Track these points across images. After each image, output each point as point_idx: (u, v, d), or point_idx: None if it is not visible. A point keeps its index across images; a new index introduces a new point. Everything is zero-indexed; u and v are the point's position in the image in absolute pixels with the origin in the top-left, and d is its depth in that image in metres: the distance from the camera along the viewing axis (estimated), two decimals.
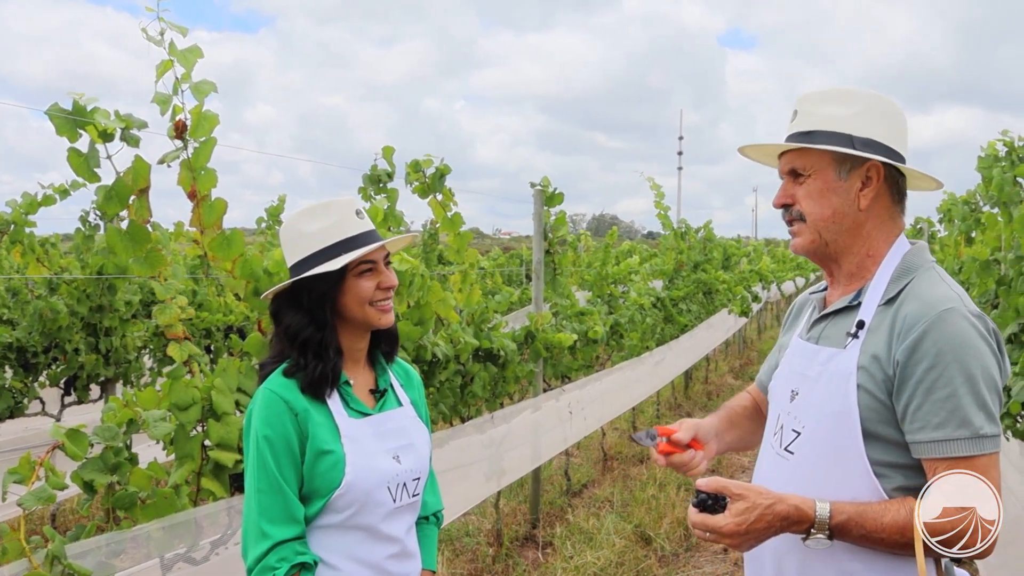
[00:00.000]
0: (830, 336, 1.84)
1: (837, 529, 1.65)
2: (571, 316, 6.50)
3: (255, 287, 3.12)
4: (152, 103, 2.78)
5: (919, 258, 1.81)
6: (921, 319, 1.66)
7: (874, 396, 1.70)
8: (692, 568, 5.52)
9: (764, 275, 17.56)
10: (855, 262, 1.85)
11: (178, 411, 2.77)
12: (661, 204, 10.12)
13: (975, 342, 1.64)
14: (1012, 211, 4.65)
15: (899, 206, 1.87)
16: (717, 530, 1.67)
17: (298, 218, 2.15)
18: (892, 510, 1.64)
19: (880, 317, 1.74)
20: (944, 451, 1.62)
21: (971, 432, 1.61)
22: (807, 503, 1.66)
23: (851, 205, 1.81)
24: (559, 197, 6.08)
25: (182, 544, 2.74)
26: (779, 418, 1.91)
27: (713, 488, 1.70)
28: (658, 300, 9.37)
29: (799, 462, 1.80)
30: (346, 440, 2.07)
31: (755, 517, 1.65)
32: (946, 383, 1.62)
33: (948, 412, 1.62)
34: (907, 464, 1.69)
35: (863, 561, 1.70)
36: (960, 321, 1.65)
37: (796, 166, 1.86)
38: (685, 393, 11.55)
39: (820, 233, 1.85)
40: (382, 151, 4.19)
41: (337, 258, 2.07)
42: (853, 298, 1.82)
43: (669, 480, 7.08)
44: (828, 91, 1.87)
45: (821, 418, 1.76)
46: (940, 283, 1.74)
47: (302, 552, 2.00)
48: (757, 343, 18.65)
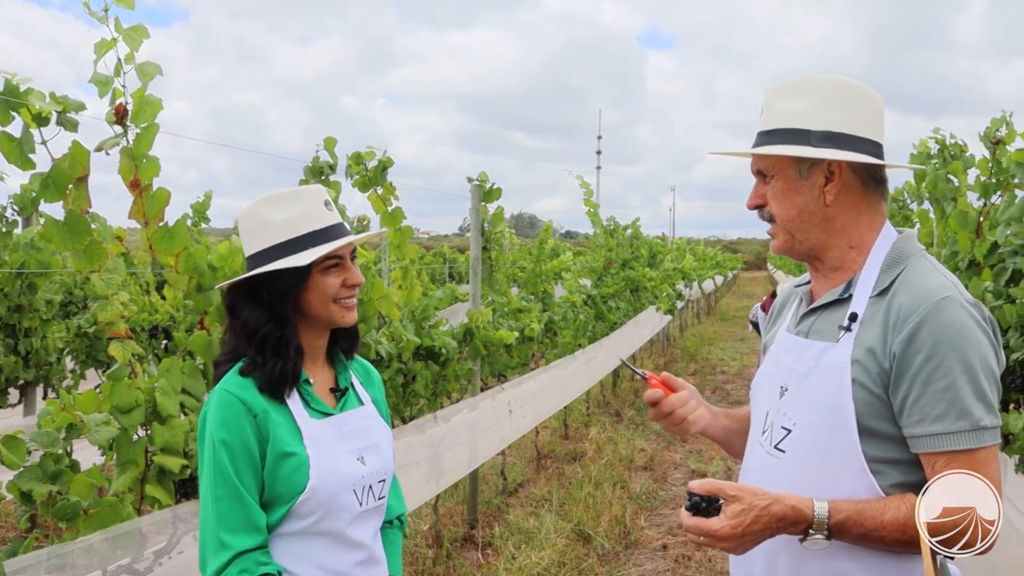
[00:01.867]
0: (821, 330, 1.78)
1: (836, 529, 1.60)
2: (508, 314, 6.43)
3: (198, 282, 2.97)
4: (90, 84, 2.62)
5: (909, 246, 1.76)
6: (917, 309, 1.61)
7: (869, 390, 1.64)
8: (633, 566, 5.50)
9: (687, 273, 17.80)
10: (837, 256, 1.79)
11: (120, 414, 2.61)
12: (590, 202, 10.12)
13: (973, 331, 1.61)
14: (945, 207, 4.73)
15: (875, 193, 1.79)
16: (712, 533, 1.60)
17: (262, 205, 2.01)
18: (892, 507, 1.60)
19: (873, 309, 1.69)
20: (944, 444, 1.58)
21: (971, 424, 1.57)
22: (805, 503, 1.61)
23: (816, 202, 1.75)
24: (497, 192, 6.00)
25: (126, 555, 2.57)
26: (767, 416, 1.84)
27: (707, 490, 1.63)
28: (589, 298, 9.37)
29: (791, 460, 1.74)
30: (308, 442, 1.95)
31: (751, 519, 1.59)
32: (944, 374, 1.58)
33: (947, 404, 1.58)
34: (904, 459, 1.65)
35: (857, 561, 1.66)
36: (957, 310, 1.61)
37: (761, 167, 1.81)
38: (613, 391, 11.59)
39: (792, 233, 1.80)
40: (324, 142, 4.03)
41: (305, 252, 1.94)
42: (843, 290, 1.76)
43: (604, 478, 7.08)
44: (790, 84, 1.80)
45: (814, 414, 1.71)
46: (933, 271, 1.70)
47: (265, 562, 1.88)
48: (680, 341, 18.87)
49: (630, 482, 7.25)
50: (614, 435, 8.74)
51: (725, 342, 19.18)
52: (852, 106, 1.75)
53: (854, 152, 1.72)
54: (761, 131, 1.80)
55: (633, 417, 10.20)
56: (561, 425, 8.96)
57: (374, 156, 4.35)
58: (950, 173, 4.81)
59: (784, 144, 1.74)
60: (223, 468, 1.86)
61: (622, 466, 7.66)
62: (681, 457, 8.32)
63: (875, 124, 1.77)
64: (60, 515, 2.38)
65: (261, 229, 1.99)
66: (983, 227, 4.20)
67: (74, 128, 2.52)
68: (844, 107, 1.74)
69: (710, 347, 18.07)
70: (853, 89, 1.76)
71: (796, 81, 1.79)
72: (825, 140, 1.72)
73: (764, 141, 1.78)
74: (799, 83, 1.78)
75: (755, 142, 1.81)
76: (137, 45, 2.60)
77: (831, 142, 1.72)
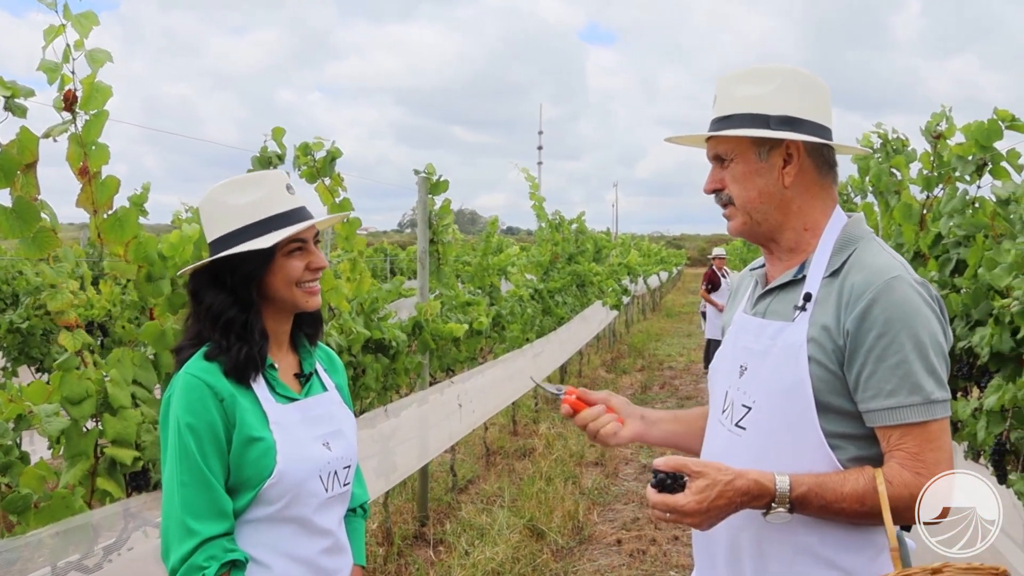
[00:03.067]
0: (776, 310, 1.83)
1: (798, 501, 1.63)
2: (456, 307, 6.42)
3: (148, 272, 2.92)
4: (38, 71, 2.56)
5: (858, 229, 1.82)
6: (869, 287, 1.66)
7: (825, 367, 1.69)
8: (587, 561, 5.53)
9: (632, 268, 17.94)
10: (792, 237, 1.84)
11: (70, 405, 2.56)
12: (536, 195, 10.16)
13: (922, 309, 1.67)
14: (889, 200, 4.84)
15: (828, 177, 1.86)
16: (678, 509, 1.62)
17: (224, 190, 1.99)
18: (851, 480, 1.64)
19: (826, 289, 1.74)
20: (898, 418, 1.63)
21: (923, 398, 1.62)
22: (767, 477, 1.64)
23: (776, 184, 1.81)
24: (444, 185, 5.99)
25: (77, 551, 2.52)
26: (727, 395, 1.88)
27: (671, 466, 1.65)
28: (536, 292, 9.40)
29: (752, 437, 1.78)
30: (275, 427, 1.93)
31: (716, 494, 1.61)
32: (896, 350, 1.63)
33: (899, 379, 1.63)
34: (860, 434, 1.70)
35: (818, 535, 1.70)
36: (907, 289, 1.67)
37: (719, 151, 1.85)
38: None
39: (751, 215, 1.84)
40: (272, 132, 4.00)
41: (268, 235, 1.93)
42: (797, 272, 1.81)
43: (556, 474, 7.10)
44: (745, 71, 1.86)
45: (772, 392, 1.75)
46: (882, 252, 1.76)
47: (232, 549, 1.85)
48: (627, 337, 19.02)
49: (581, 478, 7.29)
50: (564, 431, 8.77)
51: (672, 338, 19.38)
52: (805, 92, 1.81)
53: (810, 135, 1.77)
54: (717, 117, 1.84)
55: None
56: (509, 421, 8.98)
57: (322, 147, 4.32)
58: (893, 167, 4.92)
59: (744, 127, 1.78)
60: (189, 453, 1.83)
61: (573, 462, 7.70)
62: (632, 452, 8.38)
63: (825, 110, 1.84)
64: (11, 508, 2.32)
65: (223, 213, 1.97)
66: (926, 219, 4.30)
67: (23, 114, 2.46)
68: (798, 93, 1.80)
69: (657, 343, 18.24)
70: (804, 76, 1.82)
71: (749, 69, 1.84)
72: (783, 124, 1.77)
73: (722, 126, 1.82)
74: (753, 71, 1.84)
75: (711, 128, 1.85)
76: (87, 31, 2.56)
77: (789, 126, 1.77)
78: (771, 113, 1.77)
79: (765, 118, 1.77)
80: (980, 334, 3.32)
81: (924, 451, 1.62)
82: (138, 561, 2.77)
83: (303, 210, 2.02)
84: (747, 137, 1.79)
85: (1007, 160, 3.80)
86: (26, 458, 2.41)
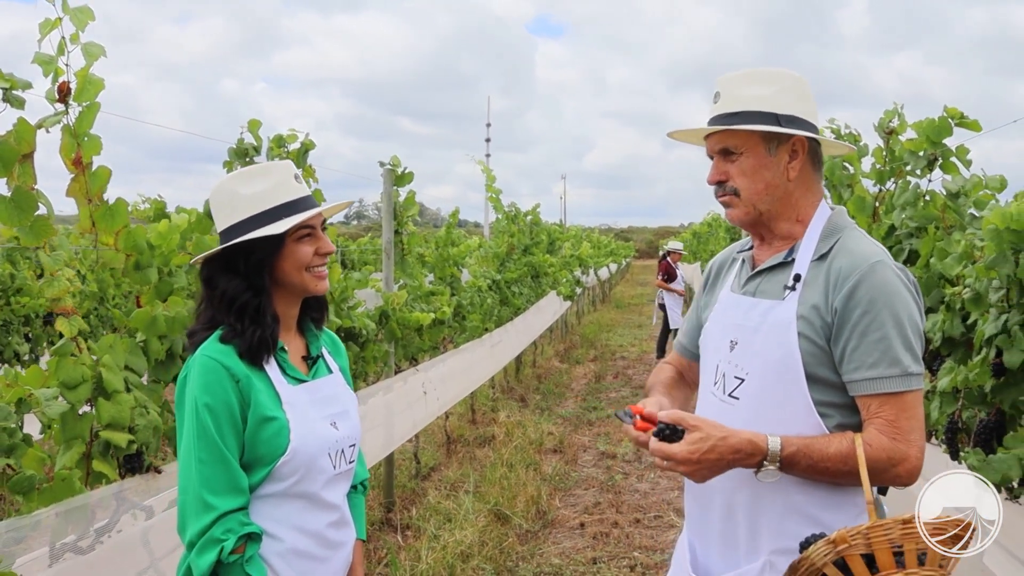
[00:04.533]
0: (766, 290, 1.99)
1: (787, 461, 1.79)
2: (421, 297, 6.50)
3: (136, 260, 2.97)
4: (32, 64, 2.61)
5: (842, 220, 2.00)
6: (855, 270, 1.84)
7: (813, 342, 1.86)
8: (551, 544, 5.68)
9: (584, 260, 18.13)
10: (786, 227, 2.02)
11: (66, 390, 2.61)
12: (492, 188, 10.26)
13: (901, 291, 1.85)
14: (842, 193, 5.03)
15: (819, 172, 2.05)
16: (672, 456, 1.77)
17: (234, 180, 2.08)
18: (836, 442, 1.80)
19: (814, 271, 1.91)
20: (878, 388, 1.81)
21: (901, 370, 1.80)
22: (759, 437, 1.79)
23: (781, 177, 1.98)
24: (409, 176, 6.06)
25: (75, 530, 2.58)
26: (718, 367, 2.03)
27: (672, 419, 1.80)
28: (494, 283, 9.51)
29: (745, 406, 1.93)
30: (287, 406, 2.03)
31: (707, 447, 1.76)
32: (879, 327, 1.81)
33: (880, 352, 1.80)
34: (844, 403, 1.87)
35: (807, 494, 1.86)
36: (888, 272, 1.85)
37: (728, 145, 2.00)
38: (517, 377, 11.77)
39: (755, 205, 2.00)
40: (248, 124, 4.07)
41: (279, 221, 2.02)
42: (786, 255, 1.98)
43: (517, 461, 7.24)
44: (748, 73, 2.02)
45: (765, 364, 1.91)
46: (865, 240, 1.94)
47: (247, 523, 1.94)
48: (578, 328, 19.22)
49: (542, 464, 7.44)
50: (522, 419, 8.91)
51: (623, 328, 19.64)
52: (801, 95, 1.99)
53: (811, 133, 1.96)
54: (723, 113, 1.99)
55: (539, 402, 10.41)
56: (468, 410, 9.09)
57: (296, 139, 4.38)
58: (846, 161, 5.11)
59: (757, 123, 1.94)
60: (207, 431, 1.92)
61: (533, 449, 7.84)
62: (589, 440, 8.56)
63: (815, 110, 2.02)
64: (16, 489, 2.38)
65: (234, 202, 2.05)
66: (879, 211, 4.50)
67: (21, 106, 2.51)
68: (797, 95, 1.98)
69: (608, 333, 18.48)
70: (798, 79, 2.00)
71: (751, 72, 2.01)
72: (790, 122, 1.95)
73: (732, 121, 1.97)
74: (755, 73, 2.00)
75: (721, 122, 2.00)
76: (83, 25, 2.60)
77: (794, 124, 1.95)
78: (779, 112, 1.94)
79: (775, 116, 1.94)
80: (932, 320, 3.51)
81: (900, 419, 1.80)
82: (126, 542, 2.84)
83: (310, 198, 2.11)
84: (758, 132, 1.95)
85: (956, 156, 4.00)
86: (29, 440, 2.47)
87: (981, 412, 3.25)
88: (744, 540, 1.94)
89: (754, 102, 1.96)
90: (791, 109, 1.96)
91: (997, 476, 2.96)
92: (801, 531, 1.84)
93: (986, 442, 3.16)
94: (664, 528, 5.98)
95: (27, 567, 2.45)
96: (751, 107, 1.96)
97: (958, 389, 3.28)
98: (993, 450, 3.14)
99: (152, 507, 2.96)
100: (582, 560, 5.36)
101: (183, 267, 3.18)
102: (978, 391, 3.23)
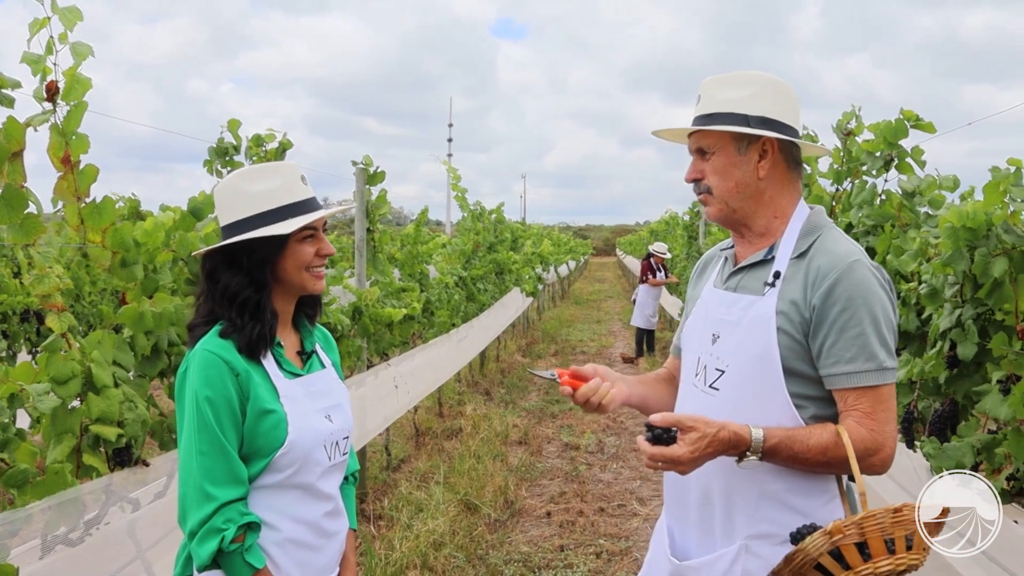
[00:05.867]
0: (747, 286, 2.09)
1: (769, 451, 1.88)
2: (392, 293, 6.58)
3: (122, 258, 3.03)
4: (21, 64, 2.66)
5: (821, 219, 2.09)
6: (834, 269, 1.93)
7: (792, 337, 1.95)
8: (519, 532, 5.79)
9: (545, 257, 18.27)
10: (763, 224, 2.10)
11: (57, 385, 2.66)
12: (459, 187, 10.35)
13: (877, 290, 1.94)
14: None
15: (795, 172, 2.13)
16: (676, 459, 1.83)
17: (241, 178, 2.14)
18: (816, 434, 1.89)
19: (793, 269, 2.00)
20: (855, 382, 1.91)
21: (876, 365, 1.90)
22: (744, 429, 1.88)
23: (751, 176, 2.07)
24: (381, 175, 6.13)
25: (67, 523, 2.64)
26: (699, 360, 2.13)
27: (668, 422, 1.85)
28: (460, 279, 9.60)
29: (725, 397, 2.03)
30: (285, 400, 2.10)
31: (705, 444, 1.84)
32: (856, 324, 1.90)
33: (858, 348, 1.90)
34: (820, 396, 1.97)
35: (783, 481, 1.96)
36: (865, 271, 1.94)
37: (702, 145, 2.11)
38: (481, 371, 11.87)
39: (727, 202, 2.09)
40: (227, 124, 4.12)
41: (287, 221, 2.08)
42: (767, 253, 2.08)
43: (484, 453, 7.34)
44: (726, 77, 2.12)
45: (745, 357, 2.00)
46: (843, 239, 2.03)
47: (247, 513, 2.01)
48: (539, 323, 19.36)
49: (508, 456, 7.56)
50: (488, 412, 9.03)
51: (583, 324, 19.80)
52: (777, 97, 2.08)
53: (783, 135, 2.04)
54: (701, 115, 2.10)
55: (503, 395, 10.53)
56: (435, 404, 9.18)
57: (274, 138, 4.44)
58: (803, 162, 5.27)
59: (727, 124, 2.04)
60: (207, 423, 1.99)
61: (499, 441, 7.96)
62: (553, 432, 8.69)
63: (794, 114, 2.11)
64: (10, 482, 2.43)
65: (240, 200, 2.11)
66: (836, 210, 4.66)
67: (10, 104, 2.56)
68: (772, 98, 2.07)
69: (569, 329, 18.62)
70: (777, 83, 2.09)
71: (731, 75, 2.10)
72: (761, 123, 2.04)
73: (706, 122, 2.07)
74: (734, 76, 2.10)
75: (695, 124, 2.11)
76: (72, 24, 2.65)
77: (765, 125, 2.04)
78: (750, 113, 2.03)
79: (745, 117, 2.03)
80: None
81: (876, 411, 1.90)
82: (114, 534, 2.90)
83: (315, 200, 2.18)
84: (728, 133, 2.04)
85: (912, 156, 4.16)
86: (22, 435, 2.52)
87: (936, 403, 3.41)
88: (720, 525, 2.03)
89: (727, 104, 2.06)
90: (763, 111, 2.04)
91: (952, 463, 3.12)
92: (775, 516, 1.94)
93: (940, 431, 3.31)
94: (628, 516, 6.13)
95: (19, 559, 2.51)
96: (724, 109, 2.06)
97: (914, 381, 3.44)
98: (947, 439, 3.30)
99: (139, 499, 3.02)
100: (549, 548, 5.48)
101: (167, 264, 3.24)
102: (933, 383, 3.38)
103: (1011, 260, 3.05)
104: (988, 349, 3.14)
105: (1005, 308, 3.12)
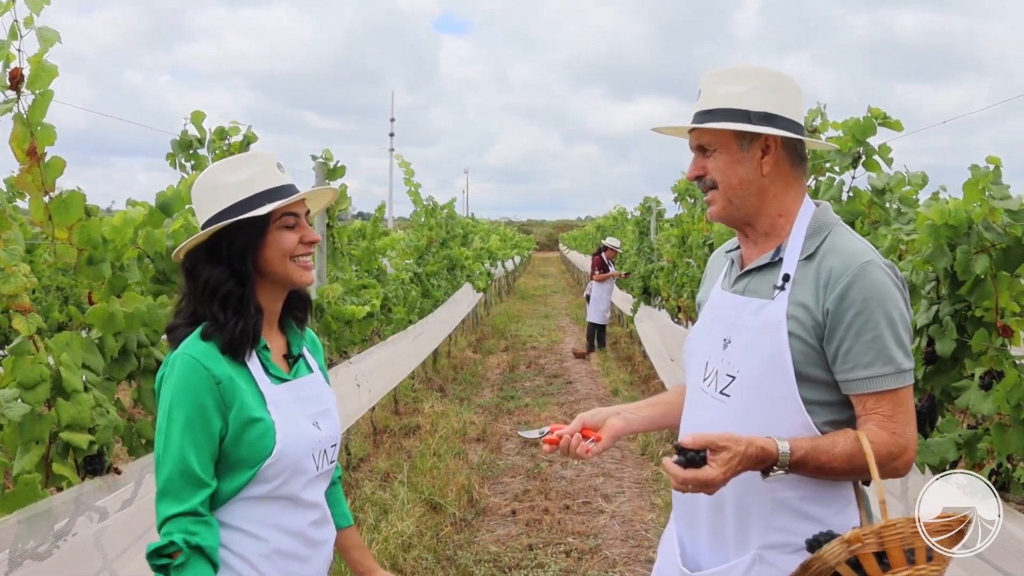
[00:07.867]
0: (755, 289, 2.02)
1: (795, 464, 1.81)
2: (352, 290, 6.46)
3: (89, 255, 2.89)
4: None
5: (828, 217, 2.02)
6: (846, 271, 1.87)
7: (804, 341, 1.89)
8: (486, 531, 5.73)
9: (494, 253, 18.23)
10: (768, 222, 2.04)
11: (24, 391, 2.53)
12: (411, 182, 10.25)
13: (891, 290, 1.89)
14: None
15: (799, 168, 2.06)
16: (709, 481, 1.75)
17: (216, 171, 2.05)
18: (840, 442, 1.84)
19: (803, 271, 1.94)
20: (874, 386, 1.85)
21: (895, 368, 1.85)
22: (770, 443, 1.81)
23: (755, 172, 2.00)
24: (341, 170, 6.00)
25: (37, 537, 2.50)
26: (708, 364, 2.06)
27: (699, 444, 1.77)
28: (416, 275, 9.50)
29: (736, 403, 1.97)
30: (272, 407, 2.00)
31: (736, 463, 1.77)
32: (872, 327, 1.85)
33: (875, 352, 1.85)
34: (834, 401, 1.91)
35: (797, 489, 1.90)
36: (879, 272, 1.88)
37: (703, 142, 2.04)
38: (434, 368, 11.77)
39: (731, 200, 2.03)
40: (191, 116, 3.99)
41: (264, 206, 1.99)
42: (774, 255, 2.01)
43: (444, 451, 7.28)
44: (726, 71, 2.05)
45: (756, 363, 1.94)
46: (853, 238, 1.97)
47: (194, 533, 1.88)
48: (488, 319, 19.30)
49: (468, 453, 7.49)
50: (445, 409, 8.95)
51: (531, 319, 19.80)
52: (781, 92, 2.01)
53: (786, 131, 1.97)
54: (701, 111, 2.02)
55: (458, 392, 10.47)
56: (391, 401, 9.07)
57: (239, 131, 4.31)
58: None
59: (728, 121, 1.97)
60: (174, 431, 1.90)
61: (457, 438, 7.88)
62: (510, 428, 8.64)
63: (797, 108, 2.04)
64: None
65: (216, 192, 2.01)
66: None
67: None
68: (775, 92, 2.00)
69: (518, 324, 18.60)
70: (780, 77, 2.02)
71: (732, 68, 2.04)
72: (762, 119, 1.96)
73: (707, 119, 2.00)
74: (735, 70, 2.03)
75: (695, 120, 2.03)
76: (39, 8, 2.52)
77: (767, 121, 1.96)
78: (752, 109, 1.96)
79: (747, 113, 1.96)
80: None
81: (896, 414, 1.85)
82: (81, 545, 2.77)
83: (293, 187, 2.08)
84: (730, 130, 1.97)
85: (879, 154, 4.18)
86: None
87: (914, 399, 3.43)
88: (733, 534, 1.97)
89: (727, 100, 1.99)
90: (765, 106, 1.97)
91: (936, 459, 3.13)
92: (789, 524, 1.89)
93: (919, 427, 3.33)
94: (594, 513, 6.10)
95: None
96: (724, 105, 1.99)
97: None
98: (927, 434, 3.31)
99: (106, 508, 2.89)
100: (518, 547, 5.43)
101: (134, 261, 3.10)
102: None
103: (991, 257, 3.07)
104: (966, 345, 3.16)
105: (985, 304, 3.14)
